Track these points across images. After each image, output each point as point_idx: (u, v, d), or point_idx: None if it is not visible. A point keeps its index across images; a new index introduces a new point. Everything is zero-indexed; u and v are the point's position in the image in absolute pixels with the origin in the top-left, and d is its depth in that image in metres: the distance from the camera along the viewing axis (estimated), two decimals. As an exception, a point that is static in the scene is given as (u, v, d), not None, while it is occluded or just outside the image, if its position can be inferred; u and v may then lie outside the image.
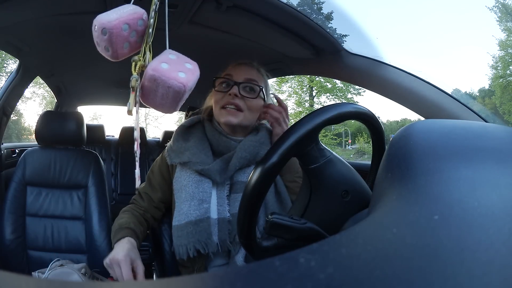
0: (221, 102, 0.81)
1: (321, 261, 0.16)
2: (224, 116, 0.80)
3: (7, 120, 1.49)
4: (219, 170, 0.80)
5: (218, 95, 0.83)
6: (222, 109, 0.81)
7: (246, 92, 0.81)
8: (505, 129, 0.30)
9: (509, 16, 13.89)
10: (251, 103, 0.81)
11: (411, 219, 0.20)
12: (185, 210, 0.78)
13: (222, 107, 0.81)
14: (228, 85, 0.82)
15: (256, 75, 0.84)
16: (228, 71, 0.84)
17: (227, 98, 0.80)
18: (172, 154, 0.83)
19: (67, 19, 1.05)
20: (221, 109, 0.81)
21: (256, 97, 0.82)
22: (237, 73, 0.83)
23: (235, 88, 0.80)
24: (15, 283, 0.16)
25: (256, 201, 0.48)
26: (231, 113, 0.80)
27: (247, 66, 0.85)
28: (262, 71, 0.87)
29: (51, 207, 1.30)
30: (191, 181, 0.79)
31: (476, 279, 0.14)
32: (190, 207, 0.77)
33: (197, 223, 0.76)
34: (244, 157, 0.79)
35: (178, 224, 0.78)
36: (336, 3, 1.02)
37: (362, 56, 1.00)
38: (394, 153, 0.29)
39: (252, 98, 0.81)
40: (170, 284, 0.16)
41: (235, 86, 0.80)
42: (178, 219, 0.78)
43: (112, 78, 1.83)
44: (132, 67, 0.50)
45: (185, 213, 0.77)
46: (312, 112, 0.50)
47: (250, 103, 0.81)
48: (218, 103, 0.82)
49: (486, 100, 15.80)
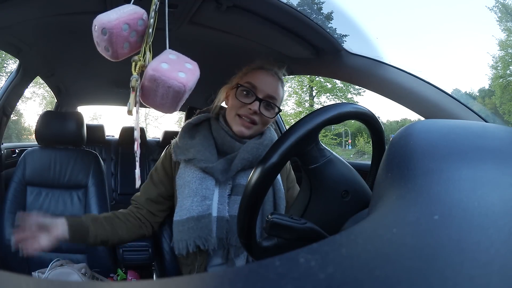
0: (239, 111, 0.80)
1: (321, 261, 0.16)
2: (238, 125, 0.80)
3: (7, 120, 1.49)
4: (221, 169, 0.80)
5: (236, 102, 0.81)
6: (237, 116, 0.81)
7: (266, 110, 0.81)
8: (505, 129, 0.30)
9: (509, 16, 13.89)
10: (266, 120, 0.82)
11: (411, 219, 0.20)
12: (188, 205, 0.78)
13: (237, 115, 0.81)
14: (249, 95, 0.80)
15: (278, 89, 0.83)
16: (251, 78, 0.81)
17: (246, 110, 0.79)
18: (178, 151, 0.83)
19: (67, 19, 1.05)
20: (236, 116, 0.81)
21: (273, 117, 0.83)
22: (261, 85, 0.80)
23: (256, 104, 0.79)
24: (15, 283, 0.16)
25: (256, 201, 0.48)
26: (245, 125, 0.80)
27: (271, 78, 0.82)
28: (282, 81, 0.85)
29: (51, 207, 1.30)
30: (195, 178, 0.80)
31: (476, 279, 0.14)
32: (193, 203, 0.78)
33: (198, 219, 0.77)
34: (247, 158, 0.79)
35: (179, 219, 0.78)
36: (336, 3, 1.02)
37: (362, 56, 1.00)
38: (394, 153, 0.29)
39: (269, 118, 0.82)
40: (170, 284, 0.16)
41: (257, 101, 0.79)
42: (180, 214, 0.79)
43: (112, 78, 1.83)
44: (132, 67, 0.50)
45: (187, 209, 0.78)
46: (312, 112, 0.50)
47: (266, 120, 0.82)
48: (234, 109, 0.81)
49: (486, 100, 15.80)
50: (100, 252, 1.26)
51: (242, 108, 0.80)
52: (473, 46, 23.73)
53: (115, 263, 1.29)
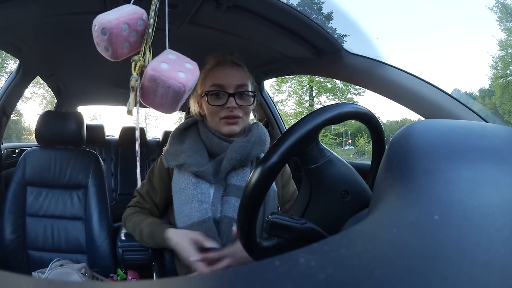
0: (220, 114, 0.80)
1: (321, 261, 0.16)
2: (226, 126, 0.80)
3: (7, 120, 1.48)
4: (212, 172, 0.80)
5: (212, 108, 0.80)
6: (221, 119, 0.80)
7: (243, 100, 0.81)
8: (505, 129, 0.30)
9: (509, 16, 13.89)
10: (247, 109, 0.82)
11: (411, 219, 0.19)
12: (187, 212, 0.79)
13: (220, 118, 0.80)
14: (220, 96, 0.80)
15: (242, 76, 0.82)
16: (213, 79, 0.80)
17: (226, 111, 0.79)
18: (169, 157, 0.83)
19: (67, 19, 1.05)
20: (220, 120, 0.81)
21: (251, 104, 0.83)
22: (226, 81, 0.79)
23: (231, 101, 0.79)
24: (15, 283, 0.16)
25: (256, 201, 0.48)
26: (232, 123, 0.80)
27: (231, 69, 0.81)
28: (243, 65, 0.84)
29: (51, 207, 1.30)
30: (189, 183, 0.80)
31: (476, 279, 0.14)
32: (192, 209, 0.78)
33: (200, 223, 0.77)
34: (235, 158, 0.79)
35: (183, 226, 0.79)
36: (336, 3, 1.02)
37: (362, 56, 1.00)
38: (394, 153, 0.29)
39: (248, 106, 0.82)
40: (170, 284, 0.16)
41: (231, 97, 0.79)
42: (182, 221, 0.79)
43: (112, 78, 1.83)
44: (132, 67, 0.50)
45: (188, 215, 0.78)
46: (312, 112, 0.50)
47: (247, 109, 0.82)
48: (215, 115, 0.81)
49: (486, 100, 15.80)
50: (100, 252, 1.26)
51: (221, 111, 0.80)
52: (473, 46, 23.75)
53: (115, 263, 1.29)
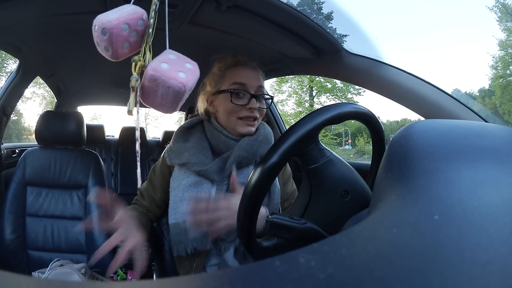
0: (239, 114, 0.80)
1: (321, 261, 0.16)
2: (245, 127, 0.81)
3: (7, 120, 1.49)
4: (217, 169, 0.80)
5: (232, 107, 0.80)
6: (239, 119, 0.81)
7: (261, 103, 0.83)
8: (505, 129, 0.30)
9: (509, 16, 13.89)
10: (263, 112, 0.84)
11: (411, 219, 0.19)
12: (183, 209, 0.79)
13: (239, 118, 0.81)
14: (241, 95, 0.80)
15: (262, 80, 0.84)
16: (236, 78, 0.81)
17: (247, 111, 0.80)
18: (172, 155, 0.83)
19: (67, 19, 1.05)
20: (238, 120, 0.81)
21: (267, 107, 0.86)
22: (249, 81, 0.80)
23: (254, 102, 0.80)
24: (15, 283, 0.16)
25: (256, 201, 0.48)
26: (250, 124, 0.81)
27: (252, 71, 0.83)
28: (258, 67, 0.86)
29: (51, 207, 1.31)
30: (190, 182, 0.80)
31: (476, 279, 0.14)
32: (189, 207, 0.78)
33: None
34: (242, 155, 0.79)
35: (175, 222, 0.79)
36: (336, 3, 1.02)
37: (362, 56, 1.00)
38: (394, 153, 0.29)
39: (265, 109, 0.84)
40: (170, 284, 0.16)
41: (253, 99, 0.80)
42: (175, 217, 0.79)
43: (112, 78, 1.83)
44: (132, 67, 0.50)
45: (183, 212, 0.78)
46: (312, 112, 0.50)
47: (263, 112, 0.84)
48: (233, 114, 0.81)
49: (486, 100, 15.81)
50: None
51: (241, 111, 0.80)
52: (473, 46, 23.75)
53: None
